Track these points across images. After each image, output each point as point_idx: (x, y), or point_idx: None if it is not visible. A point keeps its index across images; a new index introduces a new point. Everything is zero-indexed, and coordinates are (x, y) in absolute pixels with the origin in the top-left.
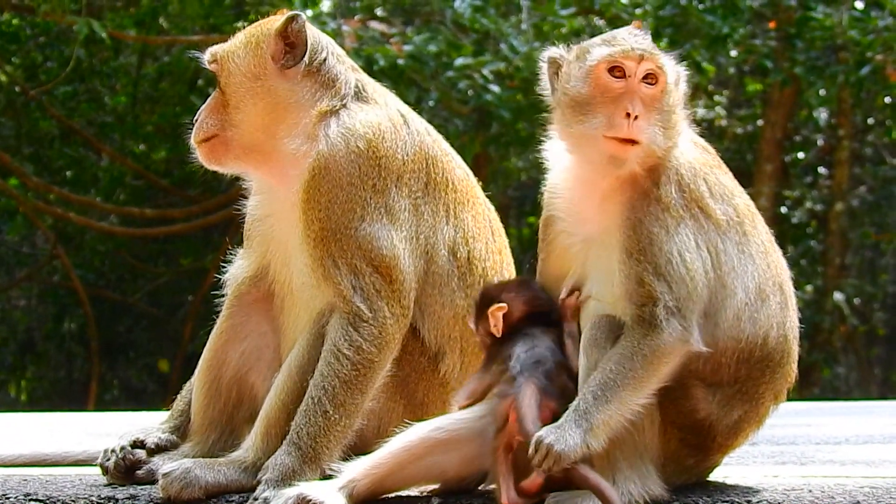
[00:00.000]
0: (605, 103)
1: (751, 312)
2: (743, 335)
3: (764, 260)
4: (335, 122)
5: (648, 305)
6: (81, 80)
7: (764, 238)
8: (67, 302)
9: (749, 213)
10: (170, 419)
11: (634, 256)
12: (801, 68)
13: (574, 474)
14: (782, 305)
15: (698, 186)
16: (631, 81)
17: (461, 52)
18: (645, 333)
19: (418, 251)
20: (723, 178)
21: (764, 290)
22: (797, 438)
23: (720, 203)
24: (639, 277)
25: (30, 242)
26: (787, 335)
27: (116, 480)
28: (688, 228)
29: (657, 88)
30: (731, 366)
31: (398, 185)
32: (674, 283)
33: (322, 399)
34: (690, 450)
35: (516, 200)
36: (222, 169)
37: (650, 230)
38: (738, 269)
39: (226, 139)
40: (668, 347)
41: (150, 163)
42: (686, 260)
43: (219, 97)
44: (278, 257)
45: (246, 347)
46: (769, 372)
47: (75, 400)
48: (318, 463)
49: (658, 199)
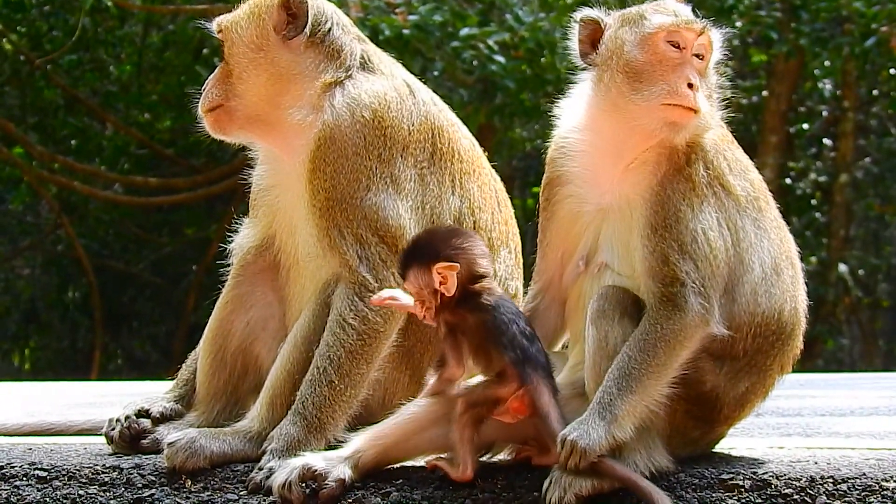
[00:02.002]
0: (664, 72)
1: (767, 287)
2: (759, 310)
3: (777, 234)
4: (340, 92)
5: (676, 286)
6: (86, 50)
7: (775, 213)
8: (71, 271)
9: (763, 188)
10: (174, 388)
11: (660, 232)
12: (806, 39)
13: (601, 468)
14: (794, 279)
15: (720, 163)
16: (685, 53)
17: (466, 23)
18: (668, 316)
19: (424, 221)
20: (738, 153)
21: (779, 264)
22: (802, 410)
23: (739, 179)
24: (664, 255)
25: (34, 211)
26: (797, 308)
27: (121, 450)
28: (710, 207)
29: (704, 63)
30: (745, 340)
31: (404, 155)
32: (699, 262)
33: (328, 369)
34: (696, 422)
35: (520, 171)
36: (228, 138)
37: (678, 207)
38: (755, 245)
39: (230, 109)
40: (691, 330)
41: (155, 132)
42: (710, 238)
43: (224, 67)
44: (284, 227)
45: (251, 317)
46: (779, 345)
47: (79, 369)
48: (323, 433)
49: (689, 177)
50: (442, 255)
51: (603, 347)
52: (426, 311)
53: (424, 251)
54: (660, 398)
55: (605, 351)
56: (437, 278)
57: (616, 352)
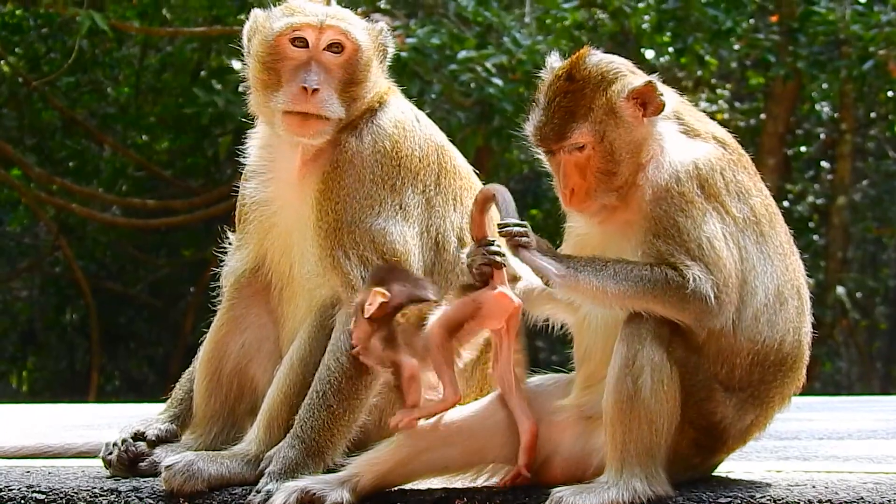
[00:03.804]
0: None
1: (769, 315)
2: (760, 337)
3: (783, 262)
4: (373, 118)
5: (679, 267)
6: (84, 71)
7: (783, 239)
8: (69, 293)
9: (767, 214)
10: (169, 408)
11: (662, 238)
12: (804, 62)
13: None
14: (799, 310)
15: (716, 182)
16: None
17: (464, 45)
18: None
19: (429, 244)
20: (740, 175)
21: (783, 292)
22: (800, 433)
23: (735, 201)
24: (666, 253)
25: (32, 233)
26: (801, 340)
27: (119, 473)
28: (714, 219)
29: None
30: (744, 367)
31: (414, 182)
32: (711, 265)
33: (326, 393)
34: (700, 450)
35: (519, 193)
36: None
37: (675, 219)
38: (758, 269)
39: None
40: (690, 294)
41: (153, 154)
42: (715, 247)
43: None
44: (277, 245)
45: (246, 339)
46: (780, 376)
47: (76, 391)
48: (321, 457)
49: (682, 194)
50: (385, 284)
51: (629, 367)
52: (354, 325)
53: (378, 275)
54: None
55: (631, 371)
56: (369, 299)
57: (642, 374)
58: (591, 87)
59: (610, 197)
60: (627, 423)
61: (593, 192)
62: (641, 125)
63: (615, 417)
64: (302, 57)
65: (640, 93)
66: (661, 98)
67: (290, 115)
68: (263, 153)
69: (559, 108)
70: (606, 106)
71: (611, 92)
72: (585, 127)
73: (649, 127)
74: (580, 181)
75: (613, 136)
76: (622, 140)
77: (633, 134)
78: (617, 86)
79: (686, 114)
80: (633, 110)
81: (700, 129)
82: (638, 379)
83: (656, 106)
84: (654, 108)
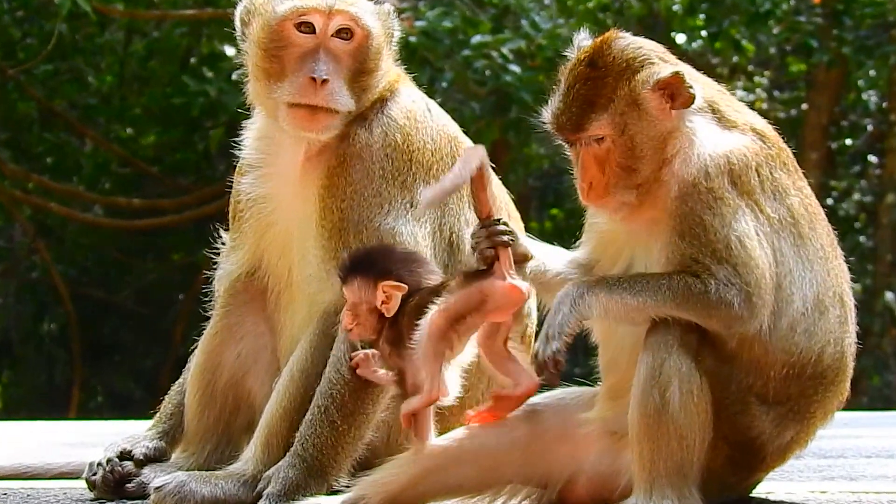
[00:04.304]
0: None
1: (807, 325)
2: (796, 349)
3: (823, 267)
4: (383, 108)
5: (701, 274)
6: (63, 58)
7: (825, 242)
8: (47, 300)
9: (807, 214)
10: (157, 423)
11: (687, 239)
12: (849, 48)
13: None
14: (841, 320)
15: (750, 178)
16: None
17: (478, 29)
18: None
19: (442, 245)
20: (778, 172)
21: (823, 301)
22: (846, 451)
23: (771, 200)
24: (689, 256)
25: (6, 235)
26: (844, 352)
27: (104, 496)
28: (746, 217)
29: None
30: (779, 381)
31: (426, 178)
32: (740, 266)
33: (329, 408)
34: (735, 468)
35: (538, 191)
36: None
37: (702, 217)
38: (794, 274)
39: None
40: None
41: (138, 148)
42: (747, 246)
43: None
44: (275, 246)
45: (242, 349)
46: (822, 390)
47: (56, 407)
48: (324, 477)
49: (710, 190)
50: (393, 273)
51: (655, 377)
52: (357, 326)
53: (375, 265)
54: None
55: (658, 382)
56: (380, 296)
57: (669, 385)
58: (615, 75)
59: (629, 195)
60: (655, 439)
61: (612, 188)
62: (668, 118)
63: (642, 433)
64: (308, 44)
65: (667, 83)
66: (690, 90)
67: (296, 107)
68: (261, 145)
69: (578, 96)
70: (629, 97)
71: (635, 82)
72: (605, 118)
73: (677, 120)
74: (598, 175)
75: (635, 129)
76: (645, 134)
77: (658, 128)
78: (642, 75)
79: (722, 103)
80: (658, 102)
81: (737, 119)
82: (665, 391)
83: (685, 98)
84: (682, 100)
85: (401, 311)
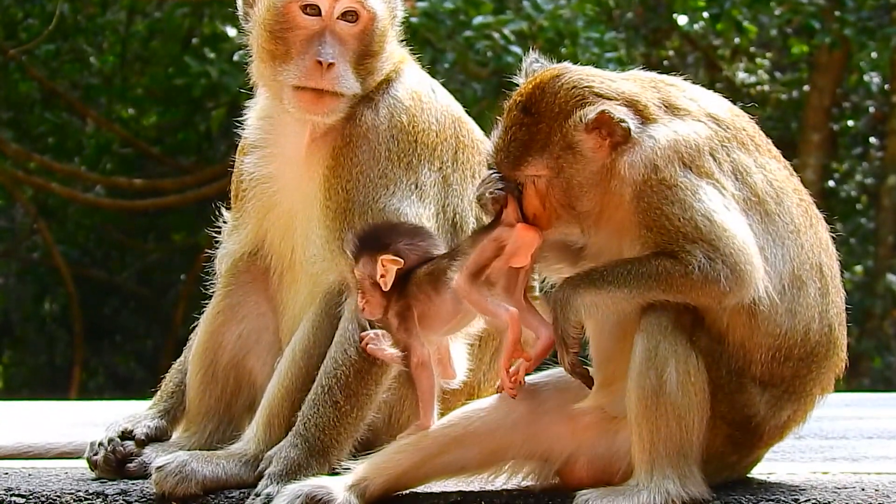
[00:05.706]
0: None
1: (787, 304)
2: (780, 330)
3: (795, 241)
4: (389, 89)
5: (679, 255)
6: (65, 39)
7: (795, 215)
8: (48, 281)
9: (772, 191)
10: (158, 402)
11: (654, 230)
12: (852, 29)
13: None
14: (823, 291)
15: (704, 162)
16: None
17: (480, 10)
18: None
19: (445, 226)
20: (735, 153)
21: (800, 276)
22: (847, 432)
23: (732, 180)
24: (663, 242)
25: (8, 216)
26: (831, 324)
27: (106, 475)
28: (708, 194)
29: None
30: (766, 364)
31: (430, 159)
32: (715, 240)
33: (333, 388)
34: (734, 446)
35: None
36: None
37: (661, 209)
38: (766, 253)
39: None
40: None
41: (140, 129)
42: (715, 221)
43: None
44: (277, 226)
45: (244, 329)
46: (815, 368)
47: (57, 387)
48: (326, 457)
49: (662, 181)
50: (391, 248)
51: (651, 359)
52: (366, 304)
53: (378, 240)
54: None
55: (654, 363)
56: (379, 270)
57: (666, 367)
58: (548, 121)
59: (572, 227)
60: (654, 420)
61: (554, 222)
62: (606, 155)
63: (640, 415)
64: (314, 26)
65: (598, 123)
66: (622, 124)
67: (301, 90)
68: (265, 125)
69: (514, 139)
70: (563, 141)
71: (567, 127)
72: (541, 161)
73: (616, 156)
74: (540, 209)
75: (572, 170)
76: (582, 175)
77: (597, 164)
78: (574, 118)
79: (674, 95)
80: (595, 141)
81: (690, 107)
82: (662, 372)
83: (622, 133)
84: (619, 136)
85: (410, 281)
